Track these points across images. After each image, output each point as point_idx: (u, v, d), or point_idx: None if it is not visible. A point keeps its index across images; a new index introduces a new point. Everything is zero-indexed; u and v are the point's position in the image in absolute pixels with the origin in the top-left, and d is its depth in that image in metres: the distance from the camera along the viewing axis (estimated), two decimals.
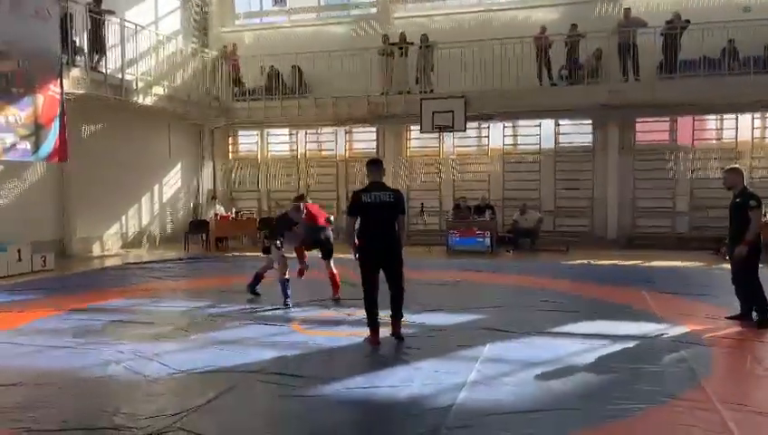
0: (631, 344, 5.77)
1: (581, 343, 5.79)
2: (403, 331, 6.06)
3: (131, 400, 4.47)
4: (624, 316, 6.96)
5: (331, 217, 8.32)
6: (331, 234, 8.04)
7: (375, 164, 5.93)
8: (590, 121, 15.45)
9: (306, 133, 17.52)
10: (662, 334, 6.13)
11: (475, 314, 7.14)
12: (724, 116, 14.84)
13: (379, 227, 5.70)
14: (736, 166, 7.02)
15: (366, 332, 5.94)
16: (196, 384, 4.78)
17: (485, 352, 5.48)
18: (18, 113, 10.56)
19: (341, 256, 7.91)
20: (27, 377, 4.92)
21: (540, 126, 15.59)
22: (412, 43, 15.54)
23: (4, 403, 4.37)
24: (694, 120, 14.87)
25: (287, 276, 7.63)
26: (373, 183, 5.84)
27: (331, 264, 7.94)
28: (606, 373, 4.91)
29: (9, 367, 5.23)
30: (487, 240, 13.54)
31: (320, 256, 7.99)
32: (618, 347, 5.68)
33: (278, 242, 7.69)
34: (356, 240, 5.77)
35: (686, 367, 5.05)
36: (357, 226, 5.82)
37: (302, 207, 7.89)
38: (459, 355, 5.46)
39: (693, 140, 14.91)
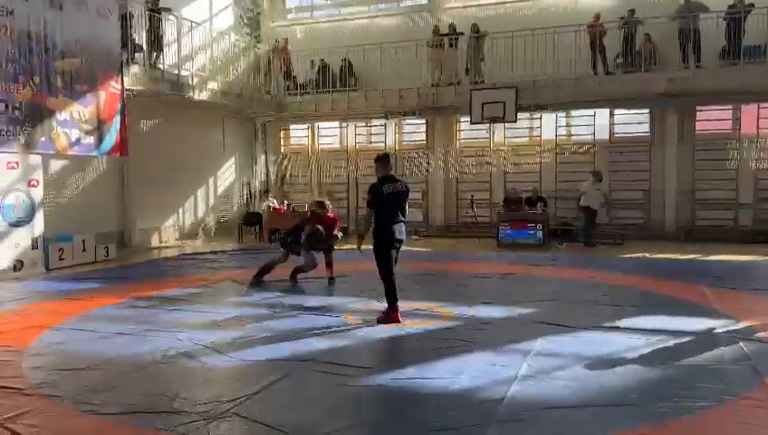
0: (690, 340, 5.62)
1: (638, 339, 5.66)
2: (456, 323, 6.39)
3: (189, 386, 4.61)
4: (683, 311, 6.77)
5: (339, 234, 9.20)
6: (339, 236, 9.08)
7: (385, 158, 6.50)
8: (648, 111, 14.99)
9: (356, 126, 17.63)
10: (723, 331, 5.94)
11: (526, 307, 7.08)
12: None
13: (398, 215, 6.23)
14: None
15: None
16: (252, 372, 4.90)
17: (537, 346, 5.43)
18: (82, 109, 11.01)
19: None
20: (94, 362, 5.15)
21: (594, 116, 15.23)
22: (462, 33, 15.41)
23: (74, 386, 4.59)
24: (759, 108, 14.22)
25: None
26: (387, 176, 6.33)
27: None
28: (663, 370, 4.80)
29: (78, 352, 5.49)
30: (539, 233, 13.34)
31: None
32: (676, 343, 5.54)
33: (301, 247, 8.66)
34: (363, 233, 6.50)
35: (747, 365, 4.88)
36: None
37: (326, 210, 8.89)
38: (510, 349, 5.42)
39: (758, 128, 14.27)
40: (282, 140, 18.71)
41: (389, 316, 6.32)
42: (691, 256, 11.46)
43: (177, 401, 4.25)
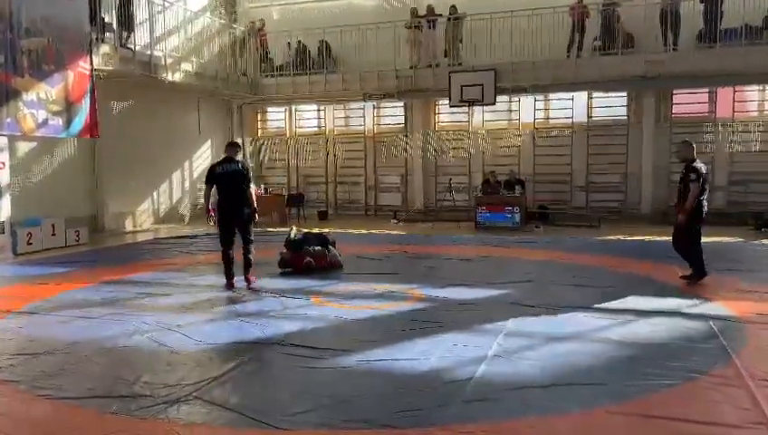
0: (660, 320, 5.63)
1: (609, 319, 5.68)
2: (427, 305, 6.39)
3: (153, 369, 4.54)
4: (654, 292, 6.80)
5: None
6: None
7: (231, 145, 7.67)
8: (625, 94, 15.00)
9: (334, 109, 17.48)
10: (694, 310, 5.97)
11: (500, 289, 7.10)
12: (767, 87, 14.24)
13: (228, 192, 7.20)
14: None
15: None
16: (217, 356, 4.84)
17: (509, 327, 5.43)
18: (49, 90, 10.71)
19: None
20: (55, 346, 5.04)
21: (573, 99, 15.21)
22: (441, 15, 15.25)
23: (31, 370, 4.47)
24: (734, 91, 14.29)
25: None
26: (226, 158, 7.39)
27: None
28: (633, 349, 4.81)
29: (39, 336, 5.36)
30: (517, 216, 13.37)
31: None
32: (647, 323, 5.56)
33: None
34: (211, 206, 7.41)
35: (716, 343, 4.91)
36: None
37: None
38: (481, 329, 5.41)
39: (733, 111, 14.36)
40: (259, 123, 18.52)
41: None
42: (666, 238, 11.45)
43: (139, 384, 4.19)
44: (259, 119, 18.49)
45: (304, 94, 16.59)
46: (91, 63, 11.46)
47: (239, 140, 16.13)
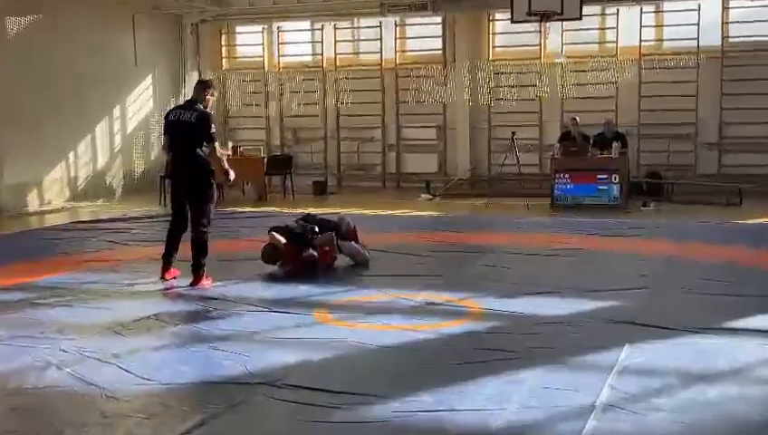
0: None
1: None
2: (491, 324, 6.42)
3: (77, 423, 4.45)
4: None
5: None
6: None
7: (199, 84, 8.12)
8: None
9: (336, 28, 17.40)
10: None
11: (601, 299, 7.08)
12: None
13: (175, 150, 7.77)
14: None
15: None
16: (175, 402, 4.77)
17: (623, 359, 5.34)
18: None
19: None
20: None
21: (698, 10, 14.95)
22: None
23: None
24: None
25: None
26: (187, 101, 7.92)
27: None
28: None
29: None
30: (615, 188, 13.22)
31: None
32: None
33: None
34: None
35: None
36: None
37: None
38: (582, 362, 5.36)
39: None
40: (223, 50, 18.55)
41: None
42: None
43: None
44: (224, 43, 18.55)
45: (292, 7, 16.58)
46: None
47: (210, 77, 16.06)
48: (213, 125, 7.66)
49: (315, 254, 8.43)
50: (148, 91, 17.06)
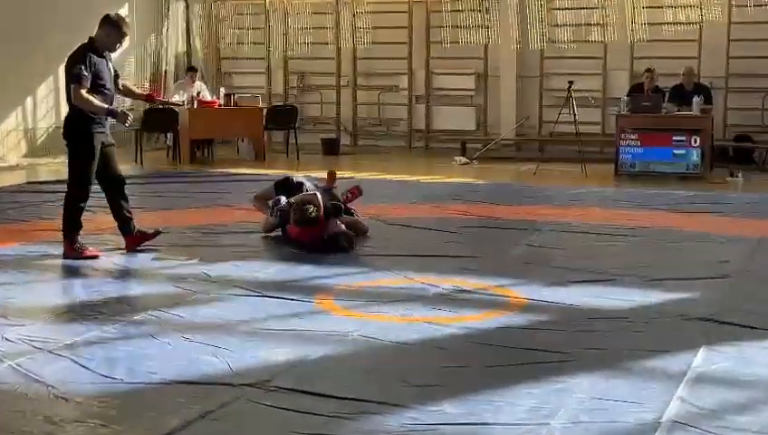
0: None
1: None
2: (534, 317, 6.36)
3: (16, 431, 4.43)
4: None
5: None
6: None
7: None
8: None
9: None
10: None
11: (672, 290, 7.08)
12: None
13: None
14: None
15: None
16: (142, 404, 4.78)
17: (697, 365, 5.27)
18: None
19: None
20: None
21: None
22: None
23: None
24: None
25: None
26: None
27: None
28: None
29: None
30: (695, 153, 13.19)
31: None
32: None
33: None
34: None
35: None
36: None
37: None
38: (645, 368, 5.29)
39: None
40: None
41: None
42: None
43: None
44: None
45: None
46: None
47: (185, 5, 16.00)
48: (78, 65, 7.76)
49: (343, 226, 8.47)
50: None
